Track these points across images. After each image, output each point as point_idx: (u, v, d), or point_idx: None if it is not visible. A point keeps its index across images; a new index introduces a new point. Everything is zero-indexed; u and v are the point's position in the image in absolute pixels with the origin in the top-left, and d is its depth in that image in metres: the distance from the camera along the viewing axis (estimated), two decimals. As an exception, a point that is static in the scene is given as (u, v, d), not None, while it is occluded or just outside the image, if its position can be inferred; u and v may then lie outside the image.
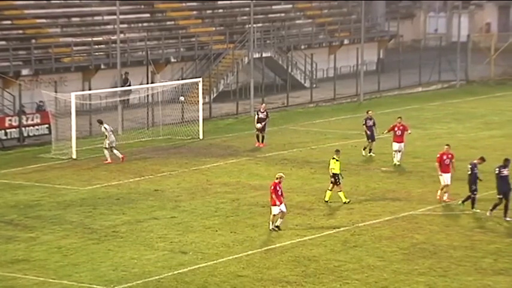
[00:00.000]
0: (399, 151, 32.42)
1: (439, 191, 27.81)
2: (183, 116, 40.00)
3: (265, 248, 23.25)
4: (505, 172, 25.33)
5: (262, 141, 36.19)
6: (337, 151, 28.20)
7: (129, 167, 32.89)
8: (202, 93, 40.08)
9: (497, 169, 25.56)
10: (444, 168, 27.60)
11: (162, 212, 26.86)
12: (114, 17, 43.19)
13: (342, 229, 25.02)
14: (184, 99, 40.21)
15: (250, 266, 21.97)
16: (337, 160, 27.69)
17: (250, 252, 22.96)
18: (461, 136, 38.28)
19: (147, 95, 41.04)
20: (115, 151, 33.72)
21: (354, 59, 50.57)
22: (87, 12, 48.54)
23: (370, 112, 34.74)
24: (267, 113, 36.65)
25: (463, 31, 57.87)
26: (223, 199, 28.23)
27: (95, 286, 20.83)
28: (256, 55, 48.07)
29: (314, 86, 49.73)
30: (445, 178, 27.59)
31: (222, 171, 32.11)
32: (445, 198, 27.68)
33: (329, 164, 27.89)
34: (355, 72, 50.71)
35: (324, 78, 52.69)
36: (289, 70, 50.39)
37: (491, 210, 25.83)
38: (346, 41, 55.90)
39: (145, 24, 49.75)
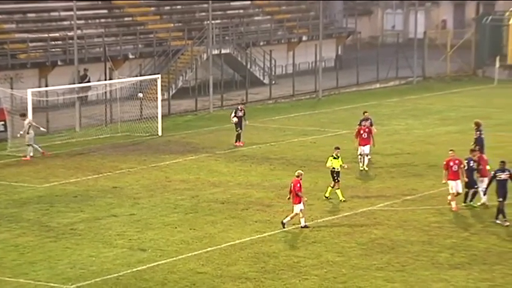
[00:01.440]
0: (366, 155, 31.23)
1: (450, 197, 26.53)
2: (141, 112, 39.73)
3: (225, 245, 23.18)
4: (503, 176, 24.78)
5: (239, 140, 35.39)
6: (337, 148, 27.75)
7: (87, 164, 32.62)
8: (161, 89, 39.85)
9: (492, 173, 25.11)
10: (452, 175, 26.12)
11: (121, 209, 26.67)
12: (71, 12, 42.80)
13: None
14: (143, 95, 39.97)
15: (209, 263, 21.89)
16: (335, 158, 27.37)
17: (209, 248, 22.89)
18: (418, 132, 38.61)
19: (105, 92, 40.65)
20: (35, 146, 33.41)
21: (313, 55, 50.74)
22: (43, 7, 47.98)
23: (366, 113, 33.08)
24: (244, 111, 36.05)
25: (420, 28, 58.37)
26: (182, 196, 28.09)
27: (52, 284, 20.60)
28: (215, 52, 47.91)
29: (273, 82, 49.76)
30: (455, 186, 26.23)
31: (181, 168, 31.95)
32: (453, 206, 26.39)
33: (326, 162, 27.61)
34: (313, 69, 50.84)
35: (282, 75, 52.70)
36: (248, 67, 50.26)
37: (497, 217, 24.99)
38: (304, 38, 56.06)
39: (102, 20, 49.33)
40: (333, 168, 27.43)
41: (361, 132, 31.47)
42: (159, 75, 40.01)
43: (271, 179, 30.13)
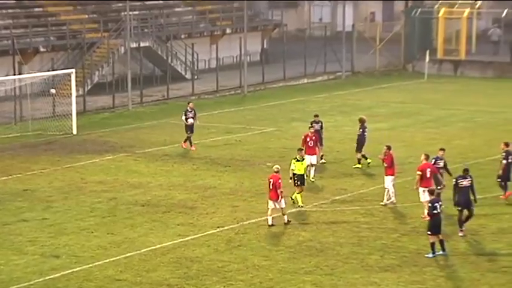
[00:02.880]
0: (313, 165, 28.82)
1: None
2: (54, 109, 38.59)
3: (145, 250, 22.61)
4: (465, 182, 23.94)
5: (191, 144, 33.72)
6: (301, 150, 26.51)
7: (-5, 165, 31.41)
8: (76, 85, 38.63)
9: (454, 180, 24.04)
10: (425, 182, 24.48)
11: (32, 213, 25.86)
12: (-24, 2, 41.02)
13: (226, 228, 24.50)
14: (56, 91, 38.66)
15: (128, 269, 21.25)
16: (298, 160, 25.85)
17: (128, 254, 22.23)
18: (347, 129, 38.00)
19: (14, 88, 39.20)
20: None
21: (237, 49, 49.86)
22: None
23: (317, 117, 31.38)
24: (194, 112, 34.23)
25: (348, 20, 57.73)
26: (99, 198, 27.37)
27: (-46, 296, 19.67)
28: (134, 45, 46.84)
29: (195, 77, 48.97)
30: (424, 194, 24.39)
31: (98, 168, 31.16)
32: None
33: (289, 165, 26.09)
34: (238, 63, 50.04)
35: (205, 70, 51.96)
36: (169, 61, 49.39)
37: (460, 228, 23.75)
38: (228, 30, 55.31)
39: (10, 10, 47.65)
40: (299, 173, 25.75)
41: (307, 140, 28.92)
42: (73, 70, 38.72)
43: (194, 180, 29.47)
